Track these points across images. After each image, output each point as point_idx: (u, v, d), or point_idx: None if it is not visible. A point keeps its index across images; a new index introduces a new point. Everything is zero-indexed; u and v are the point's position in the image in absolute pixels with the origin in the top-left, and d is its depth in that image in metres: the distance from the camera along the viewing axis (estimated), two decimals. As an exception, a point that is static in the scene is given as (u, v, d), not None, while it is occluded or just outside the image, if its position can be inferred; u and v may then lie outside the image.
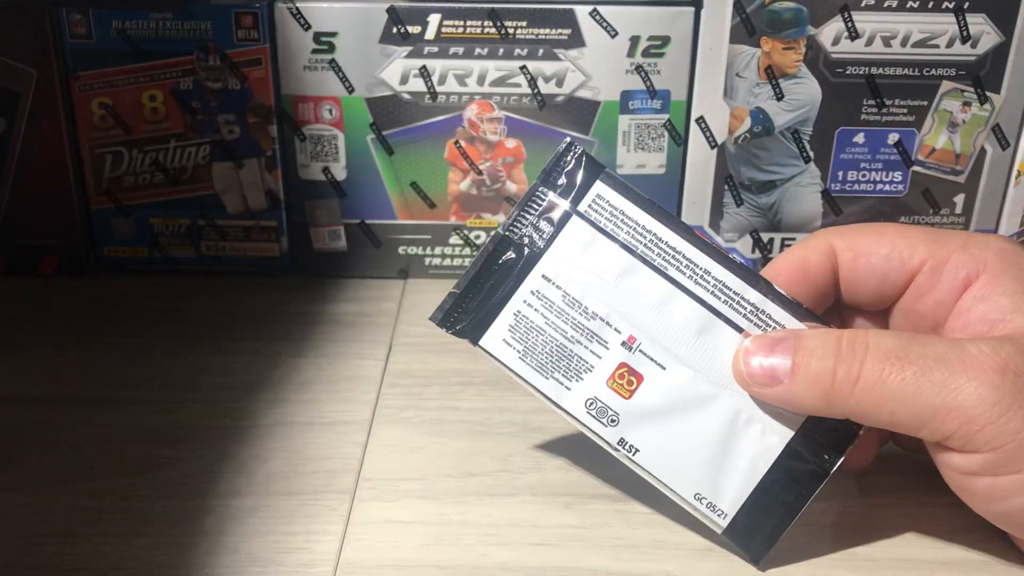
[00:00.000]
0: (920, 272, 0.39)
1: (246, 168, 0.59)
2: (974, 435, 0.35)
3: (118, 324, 0.56)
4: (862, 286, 0.40)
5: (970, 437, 0.35)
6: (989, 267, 0.38)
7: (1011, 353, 0.35)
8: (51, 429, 0.47)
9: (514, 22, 0.55)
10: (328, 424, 0.47)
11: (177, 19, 0.55)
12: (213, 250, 0.61)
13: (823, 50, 0.55)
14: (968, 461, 0.36)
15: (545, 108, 0.57)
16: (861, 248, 0.40)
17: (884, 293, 0.40)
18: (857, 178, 0.58)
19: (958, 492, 0.38)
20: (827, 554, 0.40)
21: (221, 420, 0.47)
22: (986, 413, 0.34)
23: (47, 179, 0.58)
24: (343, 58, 0.56)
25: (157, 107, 0.57)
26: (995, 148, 0.58)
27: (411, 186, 0.59)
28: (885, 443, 0.44)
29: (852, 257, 0.40)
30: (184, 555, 0.39)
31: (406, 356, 0.53)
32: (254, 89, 0.57)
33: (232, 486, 0.43)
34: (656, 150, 0.58)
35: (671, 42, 0.55)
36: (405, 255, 0.61)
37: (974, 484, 0.36)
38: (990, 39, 0.55)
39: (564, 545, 0.40)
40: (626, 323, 0.39)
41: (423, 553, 0.39)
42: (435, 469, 0.44)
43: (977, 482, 0.36)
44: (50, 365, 0.52)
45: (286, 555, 0.39)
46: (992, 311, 0.38)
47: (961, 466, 0.36)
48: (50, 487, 0.43)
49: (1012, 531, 0.38)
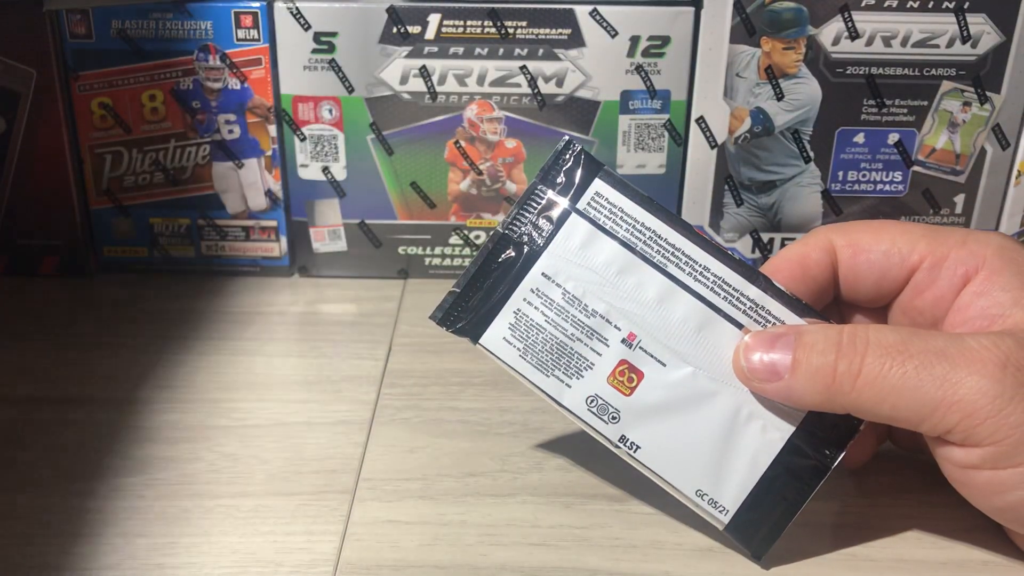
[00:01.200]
0: (919, 268, 0.39)
1: (246, 168, 0.59)
2: (975, 429, 0.35)
3: (118, 324, 0.56)
4: (861, 282, 0.40)
5: (971, 431, 0.35)
6: (988, 263, 0.38)
7: (1011, 347, 0.35)
8: (51, 429, 0.47)
9: (514, 22, 0.55)
10: (328, 424, 0.47)
11: (177, 19, 0.55)
12: (213, 250, 0.61)
13: (823, 50, 0.55)
14: (969, 455, 0.36)
15: (545, 108, 0.57)
16: (861, 245, 0.40)
17: (883, 289, 0.40)
18: (857, 178, 0.58)
19: (957, 486, 0.38)
20: (827, 554, 0.40)
21: (221, 420, 0.47)
22: (987, 407, 0.34)
23: (47, 179, 0.58)
24: (343, 58, 0.56)
25: (157, 107, 0.57)
26: (995, 148, 0.58)
27: (411, 186, 0.59)
28: (883, 440, 0.44)
29: (851, 254, 0.40)
30: (184, 555, 0.39)
31: (406, 356, 0.53)
32: (254, 89, 0.57)
33: (232, 486, 0.43)
34: (656, 150, 0.58)
35: (671, 42, 0.55)
36: (405, 255, 0.61)
37: (974, 478, 0.36)
38: (990, 39, 0.55)
39: (564, 545, 0.40)
40: (626, 320, 0.39)
41: (423, 553, 0.39)
42: (435, 469, 0.44)
43: (977, 476, 0.36)
44: (50, 365, 0.52)
45: (286, 555, 0.39)
46: (991, 306, 0.38)
47: (961, 460, 0.36)
48: (50, 487, 0.43)
49: (1011, 525, 0.38)
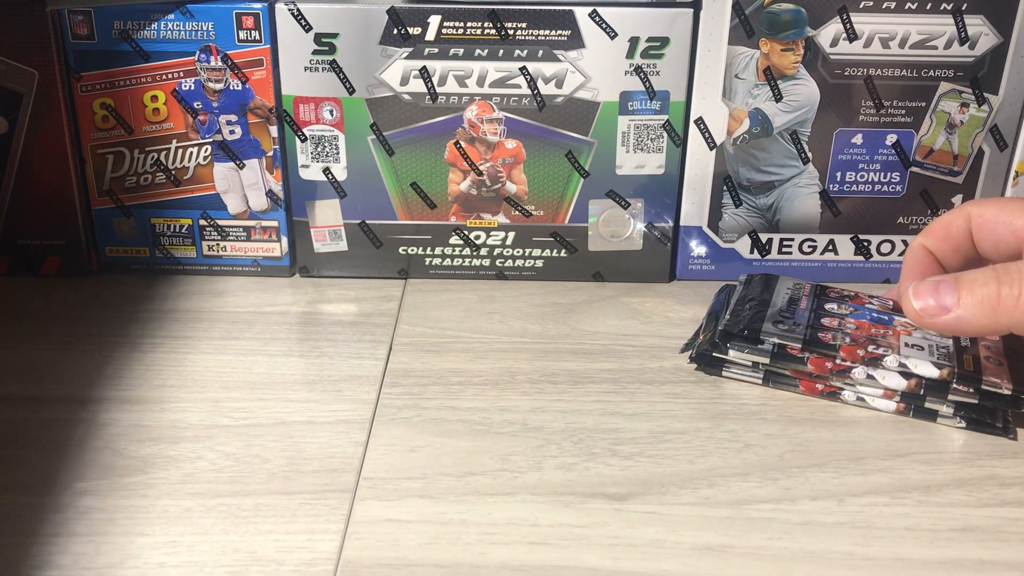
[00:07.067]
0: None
1: (247, 168, 0.59)
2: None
3: (119, 324, 0.56)
4: (987, 244, 0.49)
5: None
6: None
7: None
8: (51, 429, 0.47)
9: (514, 23, 0.55)
10: (329, 423, 0.48)
11: (179, 20, 0.55)
12: (214, 250, 0.61)
13: (821, 51, 0.55)
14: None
15: (545, 109, 0.57)
16: (986, 216, 0.48)
17: (1001, 251, 0.48)
18: (855, 179, 0.58)
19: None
20: (827, 554, 0.40)
21: (221, 420, 0.48)
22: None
23: (49, 179, 0.58)
24: (344, 59, 0.56)
25: (159, 107, 0.57)
26: (993, 149, 0.58)
27: (411, 186, 0.59)
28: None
29: (980, 223, 0.48)
30: (185, 554, 0.39)
31: (406, 356, 0.53)
32: (255, 90, 0.57)
33: (233, 486, 0.43)
34: (655, 151, 0.58)
35: (670, 43, 0.55)
36: (405, 255, 0.61)
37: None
38: (988, 40, 0.55)
39: (563, 544, 0.40)
40: None
41: (423, 552, 0.40)
42: (435, 468, 0.44)
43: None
44: (51, 365, 0.52)
45: (287, 554, 0.40)
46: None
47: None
48: (50, 487, 0.43)
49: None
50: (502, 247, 0.60)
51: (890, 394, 0.48)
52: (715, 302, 0.55)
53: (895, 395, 0.48)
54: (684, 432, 0.47)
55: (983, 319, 0.44)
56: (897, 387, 0.48)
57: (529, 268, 0.61)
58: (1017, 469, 0.45)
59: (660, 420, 0.48)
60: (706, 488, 0.43)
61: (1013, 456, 0.46)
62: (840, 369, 0.48)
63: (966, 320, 0.44)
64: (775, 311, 0.51)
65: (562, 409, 0.49)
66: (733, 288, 0.55)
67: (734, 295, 0.54)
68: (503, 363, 0.52)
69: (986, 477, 0.44)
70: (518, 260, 0.61)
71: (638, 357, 0.53)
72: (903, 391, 0.48)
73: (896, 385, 0.48)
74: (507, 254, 0.61)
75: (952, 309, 0.44)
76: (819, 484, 0.44)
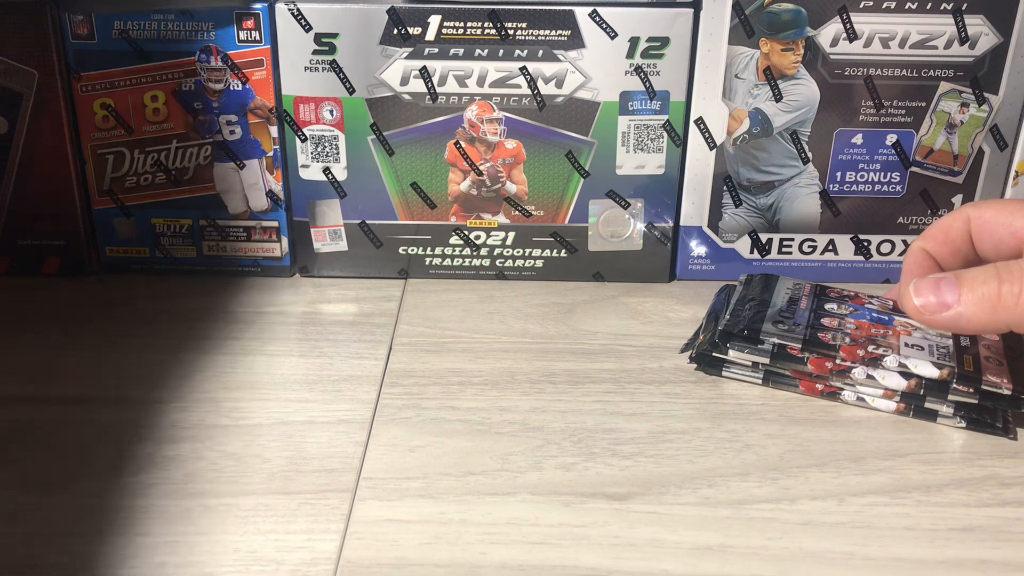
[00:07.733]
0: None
1: (247, 168, 0.59)
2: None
3: (119, 324, 0.56)
4: (986, 246, 0.49)
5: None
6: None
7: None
8: (51, 429, 0.47)
9: (514, 23, 0.55)
10: (328, 423, 0.48)
11: (179, 20, 0.55)
12: (214, 250, 0.61)
13: (821, 51, 0.55)
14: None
15: (545, 109, 0.57)
16: (985, 217, 0.48)
17: (1002, 252, 0.48)
18: (855, 179, 0.58)
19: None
20: (827, 554, 0.40)
21: (221, 420, 0.48)
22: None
23: (49, 179, 0.58)
24: (344, 59, 0.56)
25: (159, 108, 0.57)
26: (993, 149, 0.58)
27: (411, 186, 0.59)
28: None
29: (979, 225, 0.48)
30: (185, 554, 0.39)
31: (406, 356, 0.53)
32: (255, 90, 0.57)
33: (233, 485, 0.43)
34: (655, 151, 0.58)
35: (670, 43, 0.55)
36: (405, 255, 0.61)
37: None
38: (988, 40, 0.55)
39: (563, 544, 0.40)
40: None
41: (423, 552, 0.40)
42: (435, 468, 0.44)
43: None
44: (51, 365, 0.52)
45: (287, 554, 0.40)
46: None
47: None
48: (50, 487, 0.43)
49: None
50: (502, 247, 0.60)
51: (890, 394, 0.48)
52: (715, 302, 0.55)
53: (895, 395, 0.48)
54: (684, 432, 0.47)
55: (983, 316, 0.44)
56: (897, 387, 0.48)
57: (529, 268, 0.61)
58: (1017, 469, 0.45)
59: (660, 420, 0.48)
60: (706, 488, 0.43)
61: (1013, 456, 0.46)
62: (840, 369, 0.48)
63: (966, 317, 0.44)
64: (775, 311, 0.51)
65: (562, 409, 0.49)
66: (733, 288, 0.55)
67: (734, 295, 0.54)
68: (503, 363, 0.52)
69: (986, 477, 0.44)
70: (518, 260, 0.61)
71: (638, 357, 0.53)
72: (903, 391, 0.48)
73: (896, 385, 0.48)
74: (507, 254, 0.61)
75: (953, 306, 0.44)
76: (819, 484, 0.44)
